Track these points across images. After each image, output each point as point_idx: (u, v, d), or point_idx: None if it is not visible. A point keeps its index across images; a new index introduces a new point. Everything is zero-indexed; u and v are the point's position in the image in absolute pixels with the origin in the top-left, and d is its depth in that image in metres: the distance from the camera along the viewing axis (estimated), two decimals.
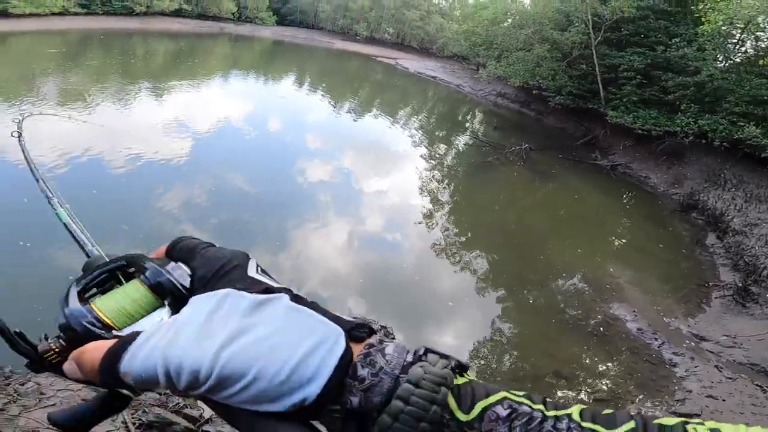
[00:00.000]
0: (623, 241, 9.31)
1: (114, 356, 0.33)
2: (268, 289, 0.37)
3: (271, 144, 11.38)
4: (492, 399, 0.34)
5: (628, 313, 6.35)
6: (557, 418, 0.33)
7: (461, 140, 15.33)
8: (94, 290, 0.40)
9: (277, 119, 13.53)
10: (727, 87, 12.03)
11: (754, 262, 7.90)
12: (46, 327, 0.41)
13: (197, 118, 11.74)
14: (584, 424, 0.33)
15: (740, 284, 7.12)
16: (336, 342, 0.34)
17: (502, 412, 0.33)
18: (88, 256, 0.45)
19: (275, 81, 19.66)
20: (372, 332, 0.37)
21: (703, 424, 0.34)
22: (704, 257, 8.74)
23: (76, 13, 24.88)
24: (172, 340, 0.33)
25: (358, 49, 30.76)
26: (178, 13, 31.41)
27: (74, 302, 0.37)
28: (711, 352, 5.68)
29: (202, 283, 0.39)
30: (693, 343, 5.82)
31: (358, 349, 0.35)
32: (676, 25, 14.10)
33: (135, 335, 0.34)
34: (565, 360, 5.31)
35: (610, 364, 5.36)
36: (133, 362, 0.32)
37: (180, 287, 0.38)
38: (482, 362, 5.20)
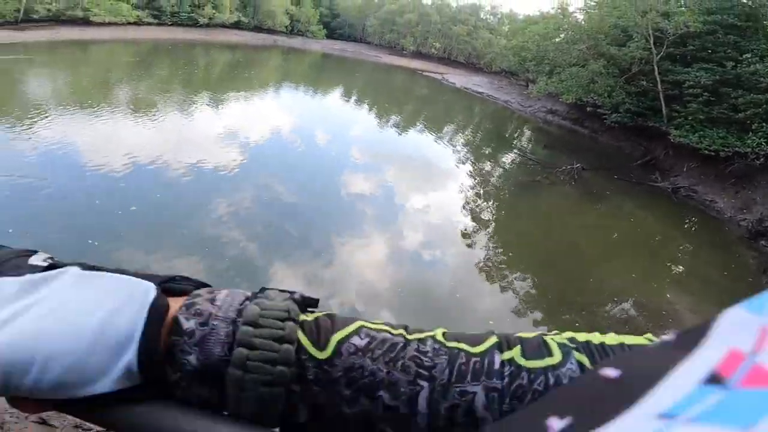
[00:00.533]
0: (683, 267, 8.78)
1: None
2: (53, 266, 0.31)
3: (317, 156, 11.68)
4: (347, 330, 0.31)
5: None
6: (420, 341, 0.32)
7: (508, 158, 15.02)
8: None
9: (323, 132, 13.89)
10: None
11: None
12: None
13: (251, 128, 12.30)
14: (449, 344, 0.32)
15: None
16: (145, 294, 0.29)
17: (360, 342, 0.31)
18: None
19: (323, 94, 20.26)
20: (202, 286, 0.33)
21: (560, 333, 0.34)
22: None
23: (148, 23, 26.96)
24: None
25: (405, 63, 31.08)
26: (236, 25, 33.26)
27: None
28: None
29: None
30: None
31: (181, 302, 0.30)
32: (747, 40, 13.23)
33: None
34: None
35: None
36: None
37: None
38: None
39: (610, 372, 0.18)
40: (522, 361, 0.31)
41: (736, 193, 11.59)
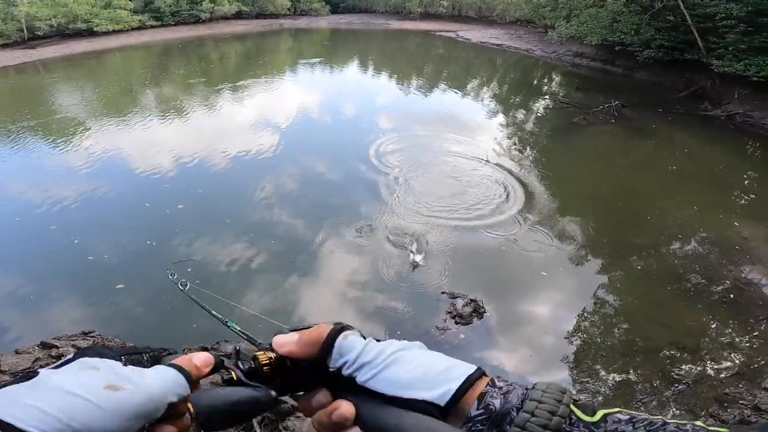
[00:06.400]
0: (751, 196, 8.19)
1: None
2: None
3: (347, 129, 11.56)
4: (612, 409, 0.39)
5: (764, 277, 5.58)
6: (680, 424, 0.36)
7: (540, 104, 14.46)
8: None
9: (349, 105, 13.73)
10: None
11: None
12: None
13: (278, 113, 12.28)
14: (711, 428, 0.35)
15: None
16: (470, 366, 0.43)
17: (623, 417, 0.38)
18: (259, 344, 0.54)
19: (340, 68, 19.93)
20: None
21: None
22: None
23: (152, 26, 26.97)
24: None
25: (415, 26, 30.01)
26: (238, 16, 32.82)
27: None
28: None
29: None
30: None
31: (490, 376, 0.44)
32: None
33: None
34: (687, 331, 4.81)
35: (743, 335, 4.77)
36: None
37: None
38: (586, 336, 4.85)
39: None
40: None
41: None
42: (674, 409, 3.95)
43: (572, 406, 0.39)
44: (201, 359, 0.44)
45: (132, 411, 0.35)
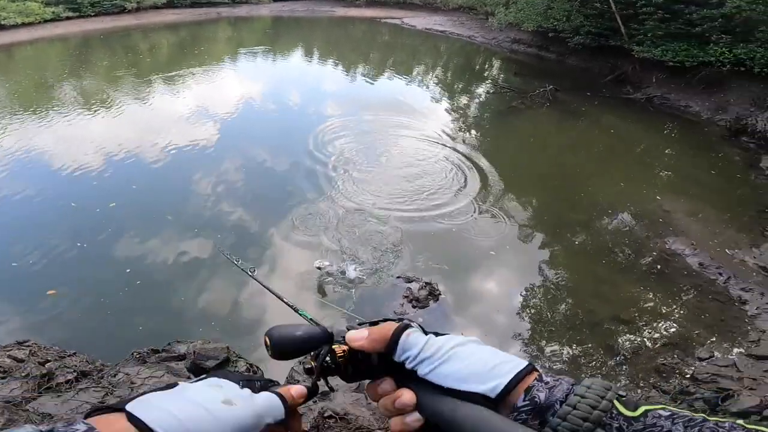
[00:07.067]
0: (670, 171, 8.94)
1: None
2: None
3: (292, 117, 11.29)
4: (655, 406, 0.41)
5: (686, 247, 6.02)
6: (719, 421, 0.38)
7: (482, 90, 14.94)
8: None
9: (294, 93, 13.41)
10: (756, 18, 11.07)
11: None
12: None
13: (216, 103, 11.76)
14: (749, 425, 0.37)
15: None
16: (520, 361, 0.48)
17: (664, 413, 0.40)
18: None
19: (284, 56, 19.32)
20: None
21: None
22: (761, 181, 8.35)
23: (68, 18, 24.50)
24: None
25: (360, 13, 29.50)
26: (170, 5, 30.61)
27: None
28: None
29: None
30: (761, 277, 5.46)
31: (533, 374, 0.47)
32: None
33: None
34: (623, 303, 5.14)
35: (673, 305, 5.13)
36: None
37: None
38: (533, 312, 5.13)
39: None
40: None
41: (709, 97, 11.84)
42: (621, 381, 4.16)
43: (615, 402, 0.42)
44: (297, 391, 0.53)
45: (239, 424, 0.43)
